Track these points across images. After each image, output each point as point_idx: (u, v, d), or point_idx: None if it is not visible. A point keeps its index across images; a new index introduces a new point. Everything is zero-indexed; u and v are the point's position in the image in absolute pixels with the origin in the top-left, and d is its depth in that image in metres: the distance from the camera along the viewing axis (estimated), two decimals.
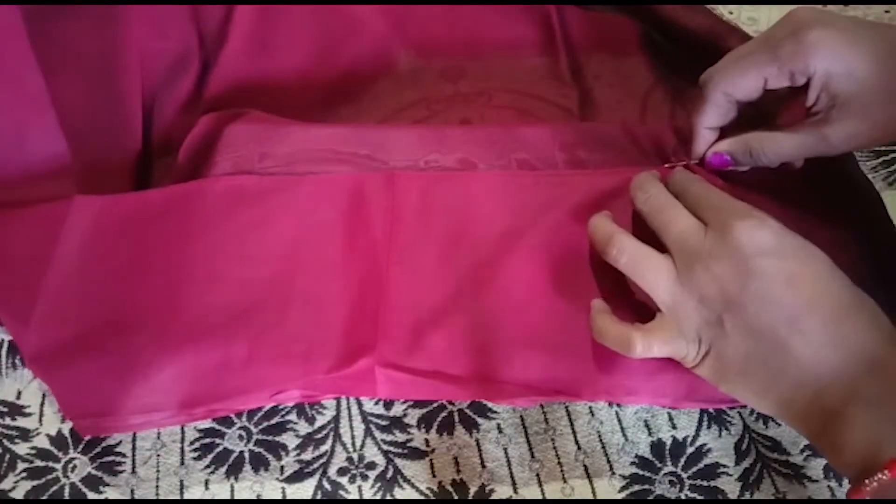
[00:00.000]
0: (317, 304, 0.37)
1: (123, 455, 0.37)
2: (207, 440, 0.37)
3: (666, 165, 0.40)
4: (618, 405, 0.38)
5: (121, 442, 0.37)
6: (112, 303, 0.37)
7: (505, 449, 0.37)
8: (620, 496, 0.36)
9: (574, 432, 0.37)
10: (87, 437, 0.37)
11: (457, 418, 0.38)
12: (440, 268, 0.38)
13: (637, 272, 0.33)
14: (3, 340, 0.40)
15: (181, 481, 0.36)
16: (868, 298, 0.30)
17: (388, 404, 0.38)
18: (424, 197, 0.40)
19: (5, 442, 0.37)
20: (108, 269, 0.38)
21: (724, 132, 0.38)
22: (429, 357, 0.36)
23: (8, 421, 0.38)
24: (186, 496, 0.36)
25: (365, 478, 0.36)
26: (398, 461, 0.37)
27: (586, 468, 0.36)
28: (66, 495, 0.36)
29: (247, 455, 0.37)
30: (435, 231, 0.39)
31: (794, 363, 0.29)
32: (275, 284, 0.37)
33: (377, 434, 0.37)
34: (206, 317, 0.36)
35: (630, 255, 0.33)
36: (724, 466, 0.36)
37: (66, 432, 0.37)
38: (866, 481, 0.26)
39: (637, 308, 0.35)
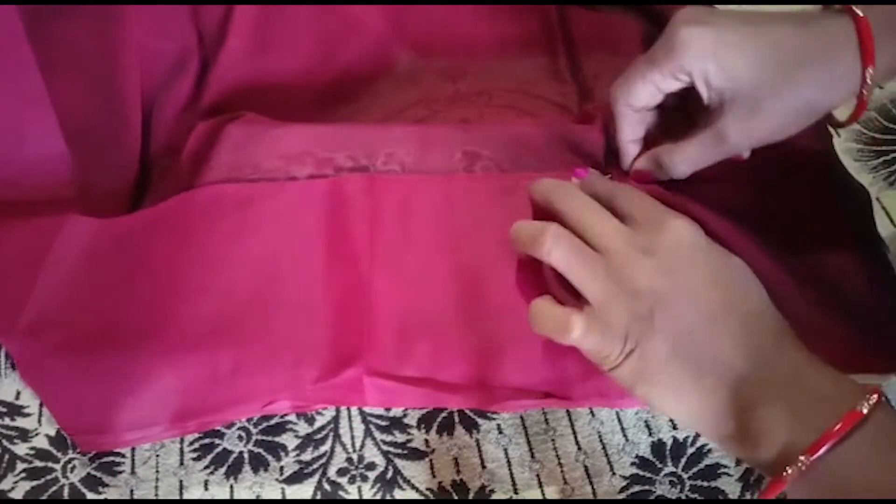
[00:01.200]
0: (301, 312, 0.37)
1: (122, 455, 0.37)
2: (207, 441, 0.37)
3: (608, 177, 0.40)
4: None
5: None
6: (101, 319, 0.37)
7: (505, 449, 0.37)
8: (621, 496, 0.35)
9: (574, 433, 0.37)
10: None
11: (457, 419, 0.38)
12: (424, 273, 0.37)
13: (571, 265, 0.31)
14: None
15: (180, 482, 0.36)
16: (778, 313, 0.30)
17: None
18: (405, 201, 0.40)
19: (4, 442, 0.37)
20: (97, 287, 0.38)
21: (654, 138, 0.38)
22: (417, 364, 0.35)
23: (7, 421, 0.38)
24: (186, 497, 0.36)
25: (365, 478, 0.36)
26: (398, 462, 0.37)
27: (587, 469, 0.36)
28: (66, 496, 0.36)
29: (246, 456, 0.37)
30: (417, 235, 0.39)
31: (716, 358, 0.29)
32: (259, 293, 0.37)
33: (377, 434, 0.37)
34: (192, 328, 0.36)
35: (567, 246, 0.31)
36: (725, 467, 0.36)
37: (65, 433, 0.37)
38: (786, 471, 0.26)
39: None
